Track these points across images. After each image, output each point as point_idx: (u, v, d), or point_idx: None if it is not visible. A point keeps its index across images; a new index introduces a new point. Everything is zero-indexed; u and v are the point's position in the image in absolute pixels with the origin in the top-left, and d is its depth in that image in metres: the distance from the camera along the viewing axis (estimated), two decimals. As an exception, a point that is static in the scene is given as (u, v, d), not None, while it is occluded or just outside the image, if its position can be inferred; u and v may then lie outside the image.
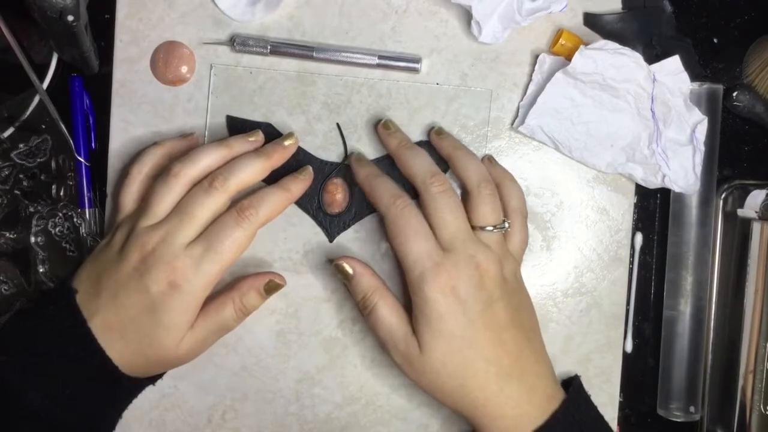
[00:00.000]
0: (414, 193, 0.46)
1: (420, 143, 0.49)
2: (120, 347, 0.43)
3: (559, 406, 0.43)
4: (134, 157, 0.48)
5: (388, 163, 0.49)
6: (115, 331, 0.42)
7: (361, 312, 0.46)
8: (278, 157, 0.46)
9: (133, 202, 0.46)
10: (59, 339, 0.42)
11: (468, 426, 0.48)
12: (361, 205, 0.50)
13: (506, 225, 0.46)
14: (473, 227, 0.44)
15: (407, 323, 0.44)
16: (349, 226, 0.50)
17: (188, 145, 0.48)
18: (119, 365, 0.43)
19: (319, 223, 0.50)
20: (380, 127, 0.49)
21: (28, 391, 0.41)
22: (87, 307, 0.43)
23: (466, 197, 0.46)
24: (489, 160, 0.50)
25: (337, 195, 0.49)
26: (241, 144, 0.46)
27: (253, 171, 0.45)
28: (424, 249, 0.43)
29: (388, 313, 0.44)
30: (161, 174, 0.45)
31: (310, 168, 0.48)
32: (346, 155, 0.50)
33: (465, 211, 0.45)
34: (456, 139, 0.49)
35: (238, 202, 0.44)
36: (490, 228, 0.44)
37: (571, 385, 0.46)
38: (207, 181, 0.44)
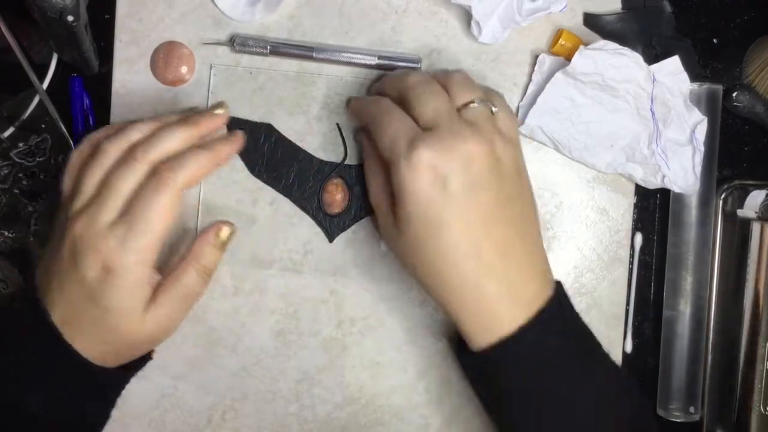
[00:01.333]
0: None
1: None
2: (82, 340, 0.40)
3: (544, 304, 0.41)
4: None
5: None
6: (73, 325, 0.40)
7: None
8: (206, 124, 0.43)
9: (69, 188, 0.43)
10: (25, 339, 0.41)
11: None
12: (361, 206, 0.50)
13: (492, 106, 0.42)
14: (459, 108, 0.41)
15: (390, 206, 0.42)
16: (348, 227, 0.50)
17: (111, 128, 0.44)
18: (89, 358, 0.41)
19: (319, 223, 0.50)
20: (374, 83, 0.48)
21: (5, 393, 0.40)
22: (47, 304, 0.41)
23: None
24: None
25: (336, 195, 0.49)
26: (174, 117, 0.44)
27: (177, 140, 0.42)
28: (400, 126, 0.40)
29: (376, 190, 0.44)
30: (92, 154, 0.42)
31: (240, 132, 0.45)
32: (346, 155, 0.50)
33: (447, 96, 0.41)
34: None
35: (155, 169, 0.41)
36: (475, 103, 0.41)
37: (555, 291, 0.42)
38: (128, 153, 0.41)
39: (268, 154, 0.50)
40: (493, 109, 0.42)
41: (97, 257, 0.39)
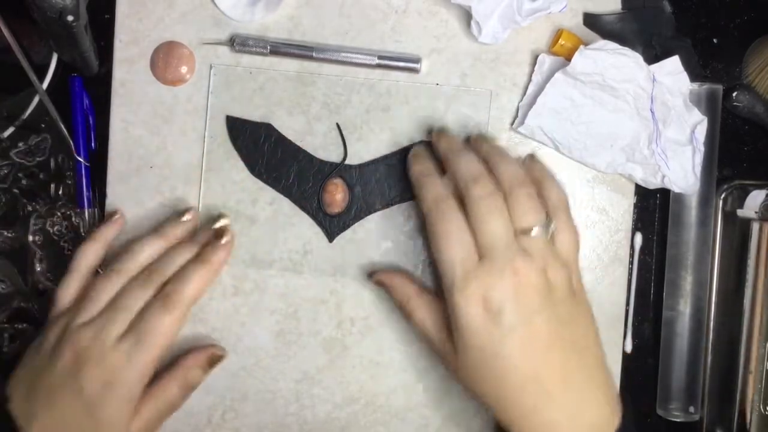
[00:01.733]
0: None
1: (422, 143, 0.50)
2: None
3: None
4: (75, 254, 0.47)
5: (387, 164, 0.49)
6: None
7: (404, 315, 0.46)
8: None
9: (70, 297, 0.46)
10: None
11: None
12: (361, 206, 0.50)
13: (552, 226, 0.42)
14: (516, 232, 0.41)
15: (442, 328, 0.43)
16: (348, 226, 0.50)
17: (117, 229, 0.48)
18: None
19: (319, 223, 0.50)
20: (434, 132, 0.49)
21: None
22: (22, 414, 0.41)
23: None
24: (530, 158, 0.49)
25: (336, 195, 0.49)
26: (174, 229, 0.47)
27: (183, 258, 0.46)
28: (457, 255, 0.40)
29: (422, 319, 0.44)
30: (104, 272, 0.46)
31: (229, 232, 0.47)
32: (346, 155, 0.50)
33: (509, 217, 0.41)
34: (492, 141, 0.48)
35: (162, 288, 0.44)
36: (534, 230, 0.41)
37: (620, 419, 0.42)
38: (142, 274, 0.45)
39: (268, 154, 0.50)
40: (552, 228, 0.42)
41: (101, 370, 0.41)
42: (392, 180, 0.50)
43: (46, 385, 0.42)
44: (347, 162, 0.50)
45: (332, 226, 0.50)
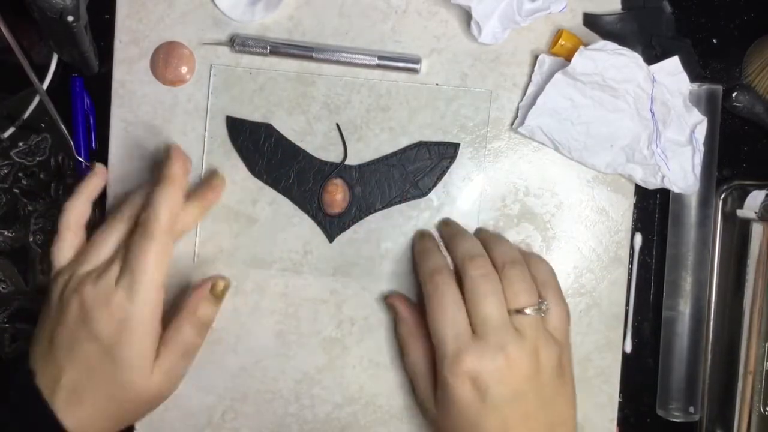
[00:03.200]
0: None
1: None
2: (92, 410, 0.42)
3: None
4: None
5: (387, 164, 0.50)
6: (85, 393, 0.41)
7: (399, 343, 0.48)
8: (176, 174, 0.45)
9: (65, 254, 0.45)
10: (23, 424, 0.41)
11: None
12: (361, 206, 0.50)
13: (544, 305, 0.43)
14: (510, 312, 0.42)
15: (429, 377, 0.45)
16: (348, 227, 0.50)
17: (101, 181, 0.48)
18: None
19: (319, 224, 0.50)
20: (441, 223, 0.50)
21: None
22: (49, 379, 0.42)
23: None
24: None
25: (336, 195, 0.49)
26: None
27: (169, 202, 0.44)
28: (451, 331, 0.42)
29: (414, 362, 0.46)
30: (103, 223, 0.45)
31: (220, 176, 0.48)
32: (346, 155, 0.50)
33: (503, 297, 0.43)
34: (494, 232, 0.50)
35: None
36: (528, 311, 0.42)
37: None
38: (123, 213, 0.45)
39: (268, 155, 0.50)
40: (544, 307, 0.43)
41: (110, 311, 0.41)
42: (392, 180, 0.50)
43: (62, 339, 0.42)
44: (347, 162, 0.50)
45: (332, 226, 0.50)
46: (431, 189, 0.50)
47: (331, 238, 0.50)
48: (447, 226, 0.49)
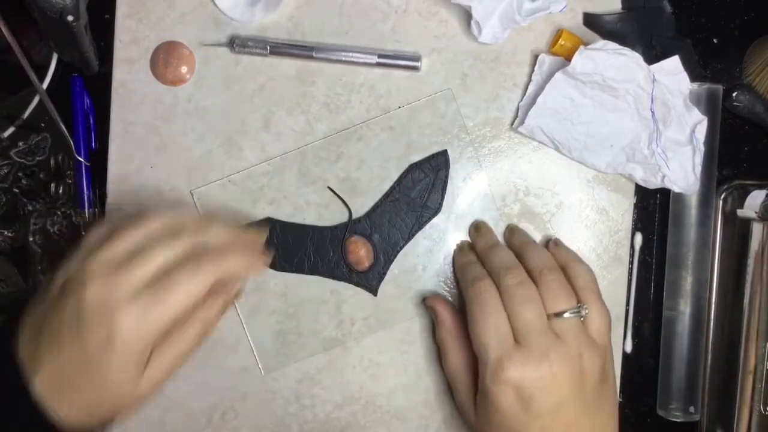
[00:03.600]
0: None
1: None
2: (71, 401, 0.38)
3: None
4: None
5: (391, 201, 0.50)
6: (64, 385, 0.38)
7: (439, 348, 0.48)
8: (253, 239, 0.44)
9: (96, 240, 0.41)
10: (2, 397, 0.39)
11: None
12: (387, 250, 0.50)
13: (584, 309, 0.43)
14: (550, 317, 0.42)
15: (470, 381, 0.45)
16: (385, 273, 0.50)
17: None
18: (69, 420, 0.38)
19: (357, 284, 0.50)
20: (472, 229, 0.50)
21: None
22: (30, 358, 0.38)
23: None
24: (555, 243, 0.50)
25: (360, 252, 0.50)
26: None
27: (222, 238, 0.42)
28: (493, 337, 0.41)
29: (455, 364, 0.46)
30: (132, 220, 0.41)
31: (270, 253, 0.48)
32: (350, 212, 0.50)
33: (542, 304, 0.43)
34: (524, 233, 0.50)
35: (194, 251, 0.40)
36: (567, 314, 0.42)
37: None
38: (174, 232, 0.40)
39: (282, 245, 0.50)
40: (584, 311, 0.43)
41: (105, 328, 0.37)
42: (403, 213, 0.50)
43: (52, 329, 0.38)
44: (354, 216, 0.50)
45: (370, 280, 0.50)
46: (441, 203, 0.50)
47: (374, 292, 0.50)
48: (480, 238, 0.49)
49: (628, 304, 0.52)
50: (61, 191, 0.51)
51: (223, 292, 0.43)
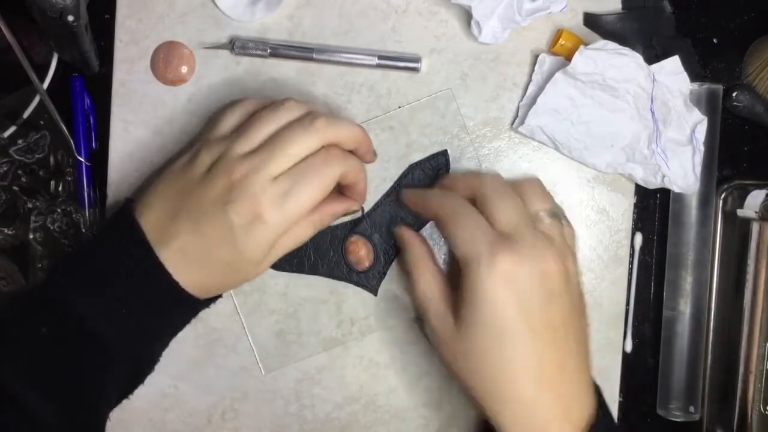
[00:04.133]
0: None
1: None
2: (196, 275, 0.42)
3: (590, 424, 0.40)
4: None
5: (391, 201, 0.50)
6: (194, 260, 0.41)
7: (409, 278, 0.45)
8: (367, 144, 0.45)
9: (231, 126, 0.44)
10: (122, 262, 0.41)
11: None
12: (387, 250, 0.50)
13: (562, 216, 0.43)
14: (532, 217, 0.42)
15: (444, 300, 0.42)
16: (386, 273, 0.50)
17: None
18: (190, 290, 0.42)
19: (357, 284, 0.50)
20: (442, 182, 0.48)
21: (86, 312, 0.40)
22: (159, 229, 0.41)
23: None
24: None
25: (360, 252, 0.50)
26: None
27: (350, 133, 0.43)
28: (479, 231, 0.40)
29: (427, 285, 0.43)
30: (269, 105, 0.44)
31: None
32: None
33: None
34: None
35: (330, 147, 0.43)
36: (543, 213, 0.42)
37: (603, 413, 0.43)
38: (308, 119, 0.42)
39: None
40: (562, 218, 0.43)
41: (253, 206, 0.40)
42: (403, 213, 0.50)
43: (195, 208, 0.41)
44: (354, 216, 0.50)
45: (370, 280, 0.50)
46: None
47: (374, 292, 0.50)
48: (448, 178, 0.48)
49: (628, 304, 0.52)
50: (60, 189, 0.51)
51: (344, 200, 0.46)
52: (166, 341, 0.46)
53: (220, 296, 0.47)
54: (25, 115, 0.50)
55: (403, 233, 0.48)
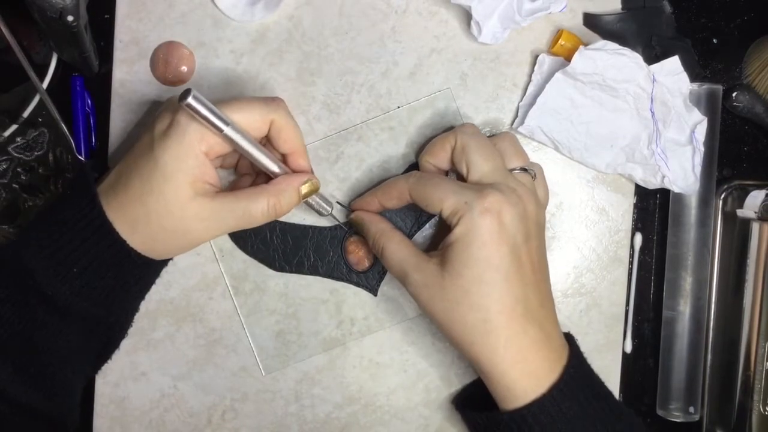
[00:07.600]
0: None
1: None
2: (140, 235, 0.41)
3: (568, 360, 0.43)
4: None
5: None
6: (133, 214, 0.41)
7: (377, 257, 0.46)
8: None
9: None
10: (75, 223, 0.41)
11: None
12: None
13: (533, 172, 0.45)
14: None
15: (418, 253, 0.43)
16: (385, 274, 0.50)
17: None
18: (139, 249, 0.42)
19: (357, 284, 0.50)
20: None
21: (41, 273, 0.41)
22: (110, 188, 0.42)
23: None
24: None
25: (359, 252, 0.50)
26: None
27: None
28: (461, 188, 0.42)
29: (396, 248, 0.44)
30: None
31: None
32: (351, 212, 0.50)
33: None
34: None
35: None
36: (519, 171, 0.44)
37: (572, 344, 0.45)
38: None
39: (281, 246, 0.50)
40: (533, 173, 0.45)
41: (172, 114, 0.41)
42: (402, 213, 0.50)
43: (128, 162, 0.43)
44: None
45: (370, 280, 0.50)
46: None
47: (374, 292, 0.50)
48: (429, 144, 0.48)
49: (628, 304, 0.52)
50: (60, 186, 0.51)
51: (305, 176, 0.45)
52: (132, 304, 0.46)
53: (171, 258, 0.47)
54: (25, 114, 0.50)
55: (361, 215, 0.48)
